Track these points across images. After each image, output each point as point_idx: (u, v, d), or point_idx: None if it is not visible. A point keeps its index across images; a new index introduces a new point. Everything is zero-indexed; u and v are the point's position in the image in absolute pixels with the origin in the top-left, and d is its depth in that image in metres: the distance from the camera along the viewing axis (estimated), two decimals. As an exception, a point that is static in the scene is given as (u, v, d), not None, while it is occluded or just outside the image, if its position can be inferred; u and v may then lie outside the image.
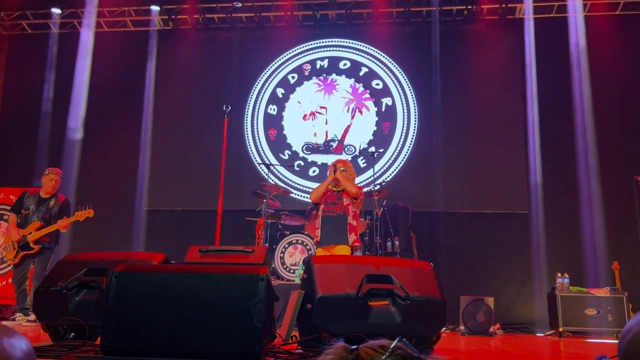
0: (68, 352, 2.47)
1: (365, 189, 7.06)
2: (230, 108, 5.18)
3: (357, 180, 7.61)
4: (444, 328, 5.41)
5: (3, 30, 8.67)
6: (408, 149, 7.79)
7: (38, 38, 8.62)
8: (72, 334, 3.02)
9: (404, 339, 1.10)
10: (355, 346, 1.09)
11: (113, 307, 2.28)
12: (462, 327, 5.90)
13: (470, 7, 7.92)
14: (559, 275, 6.09)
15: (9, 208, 6.32)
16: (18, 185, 7.04)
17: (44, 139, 8.08)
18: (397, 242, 6.63)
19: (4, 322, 4.92)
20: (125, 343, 2.24)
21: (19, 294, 5.55)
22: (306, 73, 8.27)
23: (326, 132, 8.04)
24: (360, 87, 8.12)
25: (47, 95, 8.27)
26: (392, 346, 1.06)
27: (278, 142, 8.06)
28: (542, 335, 6.21)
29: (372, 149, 7.43)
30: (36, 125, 8.19)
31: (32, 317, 5.34)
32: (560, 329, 5.76)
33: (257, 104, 8.23)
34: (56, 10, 8.39)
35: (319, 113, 8.12)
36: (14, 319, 5.55)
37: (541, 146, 7.40)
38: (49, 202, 5.60)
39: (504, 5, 7.81)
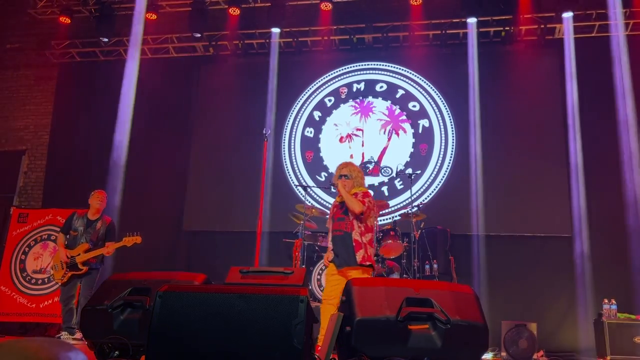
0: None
1: (402, 211, 7.02)
2: (269, 132, 5.26)
3: (394, 202, 7.63)
4: (485, 354, 5.27)
5: (53, 59, 9.10)
6: (446, 171, 7.72)
7: (86, 66, 9.01)
8: (117, 352, 3.09)
9: None
10: None
11: (157, 326, 2.33)
12: (503, 354, 5.74)
13: (508, 28, 7.87)
14: (606, 301, 5.86)
15: (57, 229, 6.55)
16: (66, 206, 7.30)
17: (91, 161, 8.39)
18: (435, 265, 6.53)
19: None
20: (169, 362, 2.29)
21: (66, 312, 5.72)
22: (343, 96, 8.35)
23: (362, 154, 8.06)
24: (396, 109, 8.13)
25: (94, 120, 8.60)
26: None
27: (315, 164, 8.12)
28: (589, 363, 5.98)
29: (409, 170, 7.39)
30: (83, 149, 8.52)
31: (78, 335, 5.47)
32: (608, 358, 5.53)
33: (295, 127, 8.33)
34: (103, 39, 8.76)
35: (356, 135, 8.16)
36: (59, 337, 5.71)
37: (584, 167, 7.22)
38: (96, 224, 5.82)
39: (542, 26, 7.73)
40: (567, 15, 7.60)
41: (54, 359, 0.99)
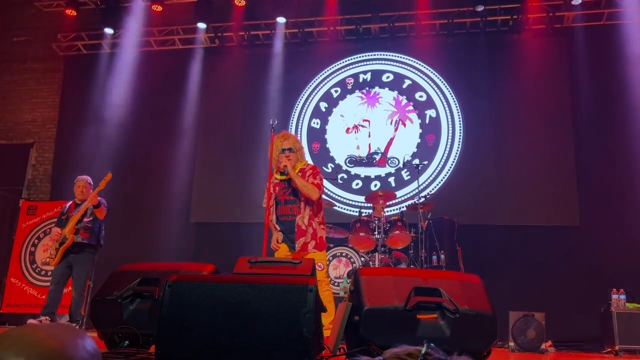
0: (124, 359, 2.56)
1: (409, 202, 7.00)
2: (276, 122, 5.24)
3: (401, 193, 7.61)
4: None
5: (60, 51, 9.11)
6: (453, 161, 7.69)
7: (92, 58, 9.02)
8: (127, 342, 3.11)
9: (432, 344, 1.08)
10: (379, 357, 1.08)
11: (167, 316, 2.34)
12: (511, 344, 5.73)
13: (515, 17, 7.80)
14: (615, 291, 5.83)
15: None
16: (74, 198, 7.31)
17: (98, 153, 8.41)
18: (442, 256, 6.52)
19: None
20: (178, 351, 2.30)
21: (51, 294, 5.40)
22: (349, 87, 8.31)
23: (369, 144, 8.04)
24: (403, 100, 8.09)
25: (100, 112, 8.62)
26: (422, 352, 1.04)
27: (321, 156, 8.11)
28: (597, 353, 5.96)
29: (416, 161, 7.37)
30: (91, 141, 8.53)
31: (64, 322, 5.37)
32: (617, 348, 5.51)
33: (301, 118, 8.32)
34: (109, 31, 8.76)
35: (362, 126, 8.13)
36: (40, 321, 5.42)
37: (593, 157, 7.16)
38: (82, 204, 5.64)
39: (551, 14, 7.65)
40: (576, 2, 7.52)
41: (62, 346, 0.99)
